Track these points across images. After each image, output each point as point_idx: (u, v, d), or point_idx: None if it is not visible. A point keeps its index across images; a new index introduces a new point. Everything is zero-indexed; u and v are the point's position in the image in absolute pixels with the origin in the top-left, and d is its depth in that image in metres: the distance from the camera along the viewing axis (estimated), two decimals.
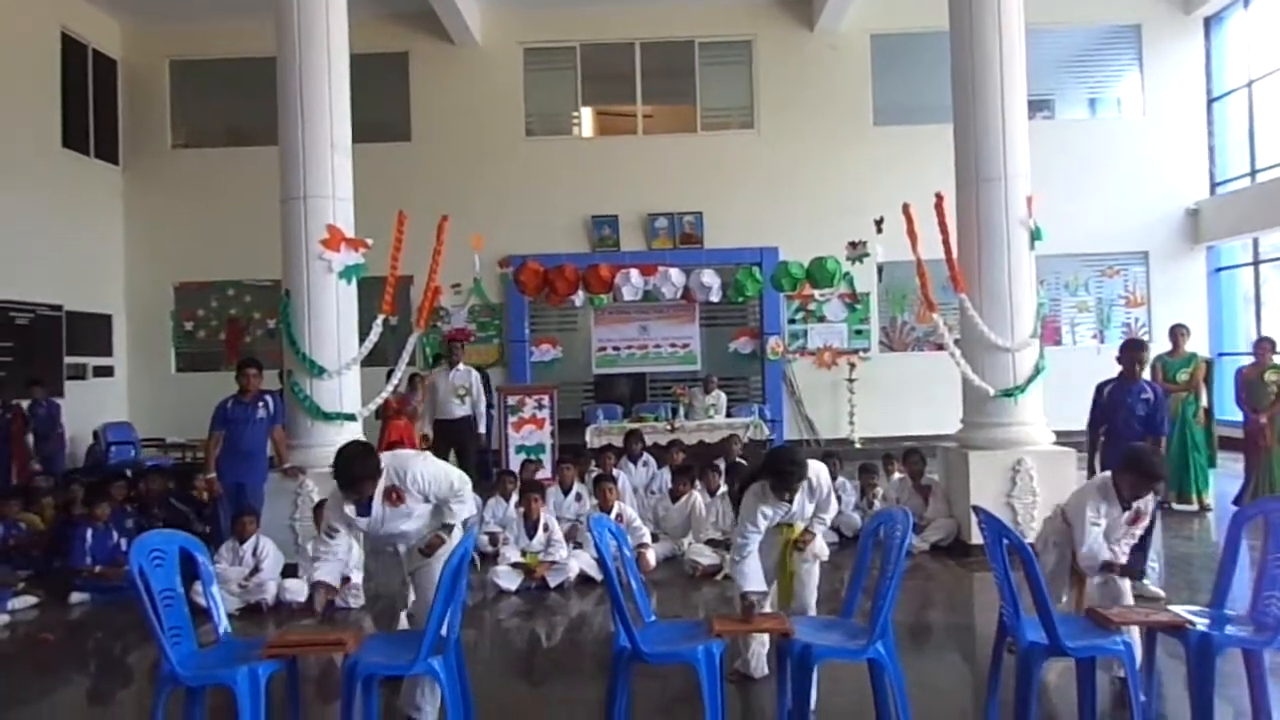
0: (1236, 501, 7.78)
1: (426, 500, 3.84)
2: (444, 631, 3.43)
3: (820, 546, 4.14)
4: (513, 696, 4.35)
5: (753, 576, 3.82)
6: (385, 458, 3.81)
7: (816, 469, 4.03)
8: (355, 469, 3.65)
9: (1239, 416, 7.94)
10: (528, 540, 6.31)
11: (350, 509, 3.75)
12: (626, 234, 12.79)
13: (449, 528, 3.88)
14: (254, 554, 5.99)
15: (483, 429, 8.87)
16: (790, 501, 3.94)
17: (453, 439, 8.65)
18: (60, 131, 11.54)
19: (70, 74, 11.76)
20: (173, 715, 3.35)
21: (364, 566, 5.58)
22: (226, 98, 13.17)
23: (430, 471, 3.84)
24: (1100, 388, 5.79)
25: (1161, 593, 5.29)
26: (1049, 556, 4.14)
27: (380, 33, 12.40)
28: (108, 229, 12.55)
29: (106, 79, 12.63)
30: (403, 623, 4.12)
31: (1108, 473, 4.07)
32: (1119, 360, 5.71)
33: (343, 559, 3.81)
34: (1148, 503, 3.98)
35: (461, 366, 8.89)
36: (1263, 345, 7.83)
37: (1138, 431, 5.46)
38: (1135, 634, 3.72)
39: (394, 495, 3.76)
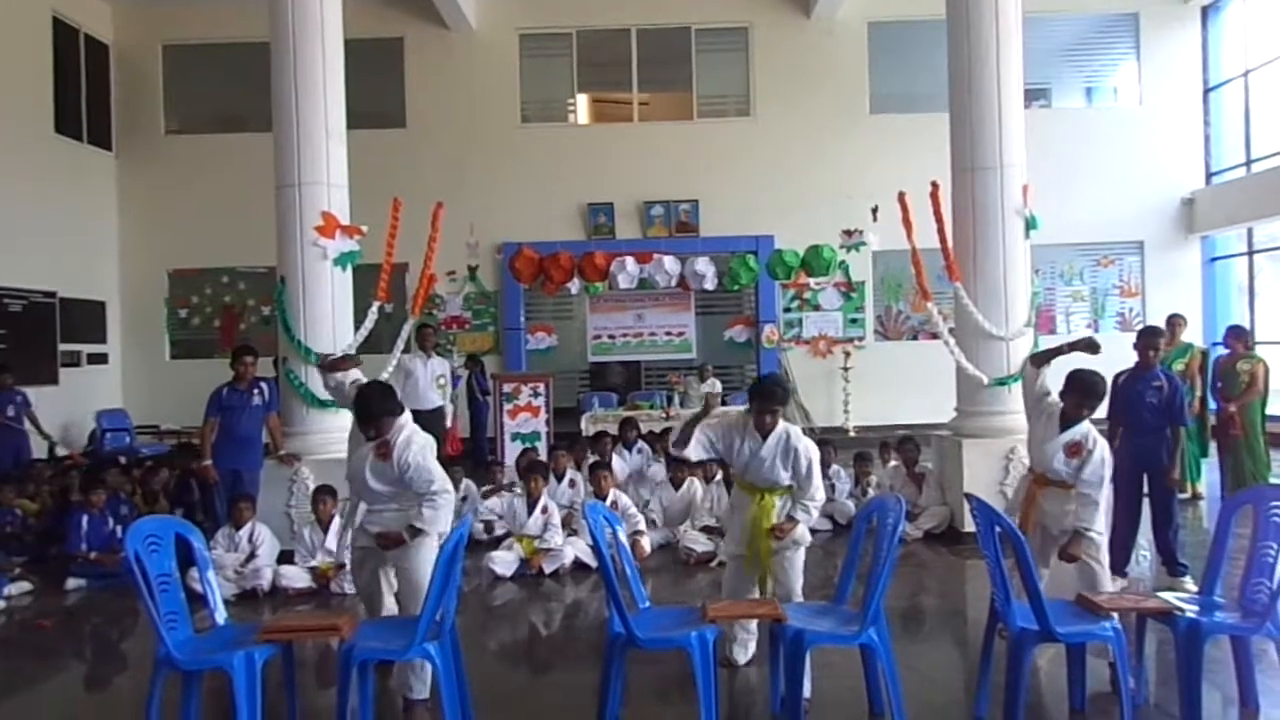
0: (1224, 494, 7.82)
1: (401, 480, 3.84)
2: (439, 617, 3.44)
3: (801, 533, 4.08)
4: (508, 682, 4.38)
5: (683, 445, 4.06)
6: (403, 421, 3.95)
7: (806, 440, 4.05)
8: (375, 407, 3.87)
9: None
10: (525, 519, 6.32)
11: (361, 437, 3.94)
12: (622, 222, 12.77)
13: (416, 531, 3.82)
14: (250, 540, 6.02)
15: (450, 421, 8.53)
16: (764, 435, 3.96)
17: (427, 430, 8.28)
18: (53, 117, 11.46)
19: (62, 59, 11.67)
20: (169, 700, 3.37)
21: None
22: (220, 83, 13.08)
23: (418, 457, 3.84)
24: (1116, 378, 5.66)
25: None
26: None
27: (375, 18, 12.33)
28: (101, 215, 12.50)
29: (99, 64, 12.54)
30: (390, 607, 4.09)
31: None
32: (1135, 348, 5.60)
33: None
34: (1088, 437, 4.09)
35: (437, 355, 8.71)
36: (1232, 335, 7.83)
37: (1149, 421, 5.37)
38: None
39: (383, 449, 3.85)
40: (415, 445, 3.87)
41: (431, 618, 3.37)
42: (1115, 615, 3.49)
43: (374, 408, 3.86)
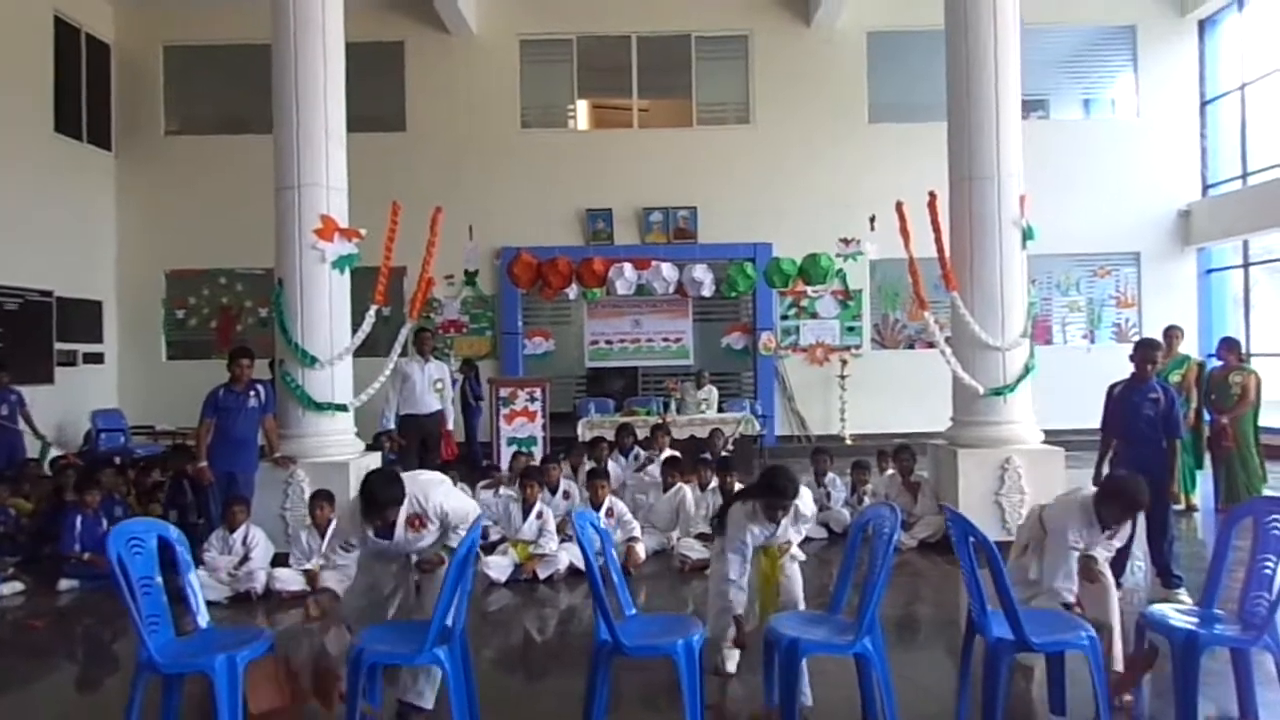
0: (1218, 506, 7.84)
1: (442, 526, 3.87)
2: (449, 622, 3.42)
3: (795, 550, 4.24)
4: (500, 687, 4.36)
5: (740, 599, 3.94)
6: (407, 482, 3.79)
7: (805, 495, 4.11)
8: (381, 496, 3.66)
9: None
10: (520, 524, 6.31)
11: (370, 531, 3.75)
12: (621, 228, 12.78)
13: (450, 550, 3.85)
14: (244, 543, 6.00)
15: (451, 425, 8.39)
16: (777, 523, 4.00)
17: (425, 435, 8.03)
18: (53, 116, 11.46)
19: (63, 58, 11.67)
20: (151, 703, 3.35)
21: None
22: (221, 84, 13.09)
23: (453, 504, 3.88)
24: (1110, 389, 5.66)
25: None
26: (1031, 561, 4.12)
27: (376, 22, 12.35)
28: (99, 215, 12.49)
29: (100, 63, 12.55)
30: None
31: (1090, 492, 4.07)
32: (1131, 359, 5.56)
33: (351, 573, 3.81)
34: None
35: (435, 359, 8.60)
36: (1224, 347, 7.84)
37: (1145, 433, 5.34)
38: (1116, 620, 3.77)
39: (416, 522, 3.79)
40: (436, 495, 3.84)
41: (442, 623, 3.35)
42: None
43: (381, 498, 3.66)
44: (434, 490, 3.88)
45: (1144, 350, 5.53)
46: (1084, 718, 3.69)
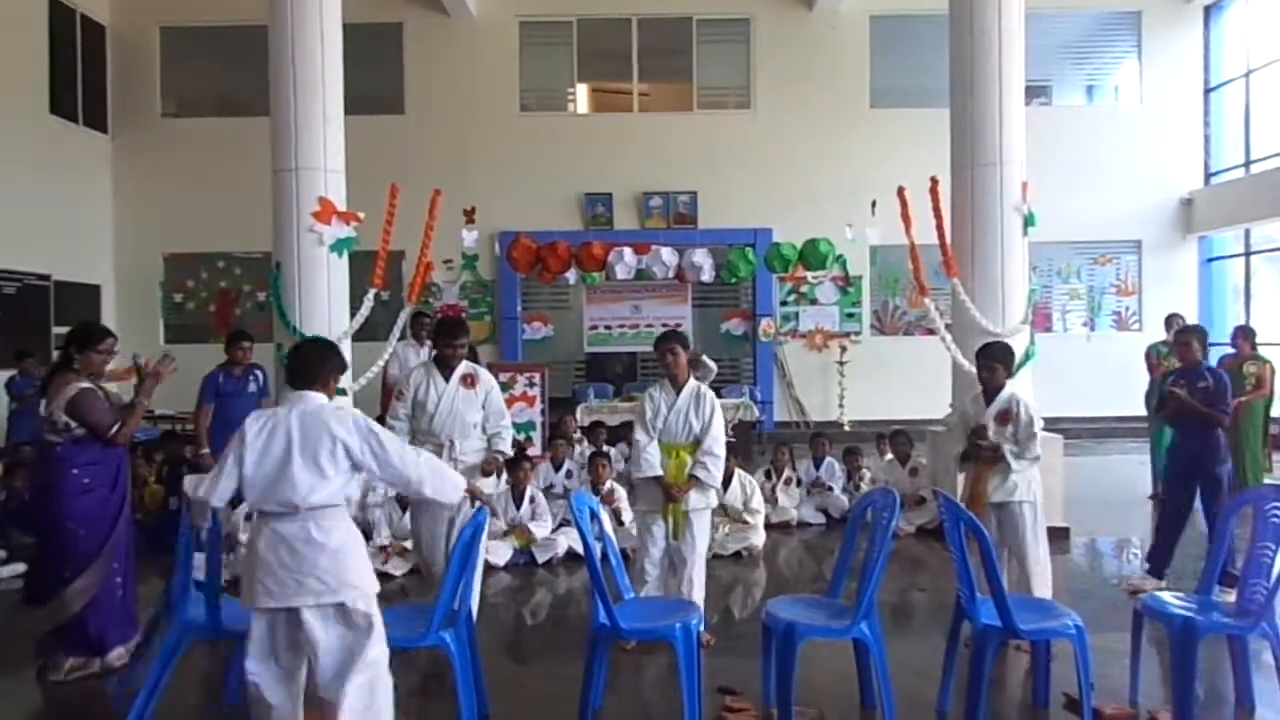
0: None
1: (483, 408, 4.70)
2: (456, 604, 3.42)
3: (711, 498, 4.52)
4: (499, 669, 4.36)
5: (655, 463, 4.45)
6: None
7: (712, 393, 4.52)
8: (453, 324, 4.93)
9: None
10: (515, 510, 6.32)
11: (436, 373, 4.67)
12: (620, 212, 12.73)
13: (501, 454, 4.75)
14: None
15: None
16: (677, 390, 4.50)
17: None
18: (48, 98, 11.38)
19: (58, 40, 11.58)
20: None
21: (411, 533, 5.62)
22: (218, 66, 12.99)
23: (497, 390, 4.84)
24: (1162, 380, 5.78)
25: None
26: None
27: (374, 3, 12.24)
28: (96, 198, 12.43)
29: (95, 45, 12.45)
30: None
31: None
32: (1175, 350, 5.64)
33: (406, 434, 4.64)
34: (1013, 401, 4.49)
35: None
36: (1240, 335, 7.82)
37: (1192, 420, 5.33)
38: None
39: (469, 380, 4.70)
40: (489, 375, 4.82)
41: (449, 605, 3.35)
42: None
43: (453, 327, 4.83)
44: (486, 373, 4.86)
45: (1186, 335, 5.55)
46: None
